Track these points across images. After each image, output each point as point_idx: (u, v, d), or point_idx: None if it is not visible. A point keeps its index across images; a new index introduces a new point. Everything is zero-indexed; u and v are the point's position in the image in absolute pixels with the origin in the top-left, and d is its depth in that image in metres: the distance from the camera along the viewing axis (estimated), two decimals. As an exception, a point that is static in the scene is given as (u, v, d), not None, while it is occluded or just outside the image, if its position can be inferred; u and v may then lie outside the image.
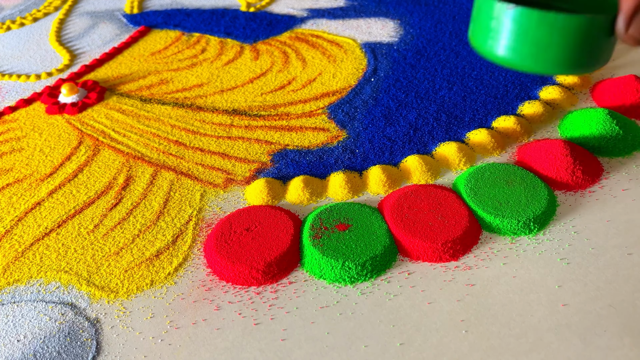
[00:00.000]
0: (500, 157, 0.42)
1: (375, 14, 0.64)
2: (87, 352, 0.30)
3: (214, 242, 0.35)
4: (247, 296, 0.33)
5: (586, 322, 0.30)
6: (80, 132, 0.48)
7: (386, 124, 0.46)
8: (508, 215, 0.35)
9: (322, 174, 0.41)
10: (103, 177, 0.43)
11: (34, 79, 0.56)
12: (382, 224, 0.35)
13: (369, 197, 0.39)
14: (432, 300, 0.32)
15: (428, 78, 0.51)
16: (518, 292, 0.31)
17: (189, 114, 0.49)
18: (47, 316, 0.32)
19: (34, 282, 0.35)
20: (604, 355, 0.28)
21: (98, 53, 0.60)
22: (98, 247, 0.37)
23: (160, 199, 0.40)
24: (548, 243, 0.34)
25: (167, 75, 0.55)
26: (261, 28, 0.63)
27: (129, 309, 0.33)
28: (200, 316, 0.32)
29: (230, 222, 0.36)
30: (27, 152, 0.46)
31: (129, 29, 0.65)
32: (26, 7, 0.72)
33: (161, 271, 0.35)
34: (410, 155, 0.42)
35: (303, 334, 0.30)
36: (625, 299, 0.31)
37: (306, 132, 0.46)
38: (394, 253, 0.34)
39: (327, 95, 0.50)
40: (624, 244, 0.34)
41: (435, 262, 0.34)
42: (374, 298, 0.32)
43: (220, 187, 0.41)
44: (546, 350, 0.28)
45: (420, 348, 0.29)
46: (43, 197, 0.41)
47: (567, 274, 0.32)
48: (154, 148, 0.45)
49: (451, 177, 0.40)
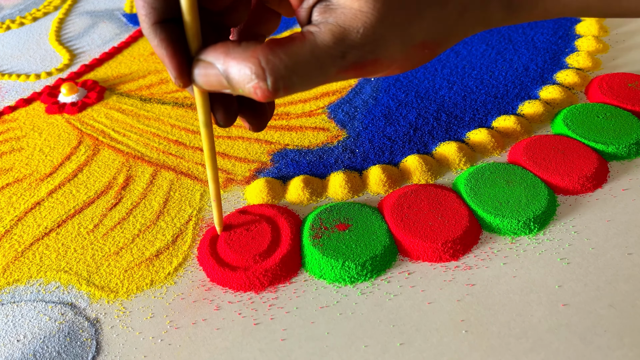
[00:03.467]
0: (500, 157, 0.42)
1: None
2: (87, 352, 0.30)
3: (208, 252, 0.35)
4: (247, 296, 0.33)
5: (586, 322, 0.30)
6: (80, 131, 0.48)
7: (386, 124, 0.46)
8: (508, 215, 0.35)
9: (322, 174, 0.41)
10: (103, 177, 0.43)
11: (33, 79, 0.56)
12: (382, 224, 0.35)
13: (369, 197, 0.39)
14: (432, 300, 0.32)
15: (428, 78, 0.51)
16: (518, 292, 0.31)
17: (189, 114, 0.49)
18: (47, 316, 0.32)
19: (34, 282, 0.35)
20: (604, 355, 0.28)
21: (98, 52, 0.60)
22: (98, 247, 0.37)
23: (160, 198, 0.40)
24: (548, 243, 0.34)
25: (167, 75, 0.55)
26: (261, 27, 0.62)
27: (129, 308, 0.33)
28: (200, 316, 0.32)
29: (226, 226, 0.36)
30: (26, 151, 0.46)
31: (128, 29, 0.65)
32: (26, 7, 0.72)
33: (161, 271, 0.35)
34: (410, 155, 0.42)
35: (303, 334, 0.30)
36: (625, 299, 0.31)
37: (306, 132, 0.46)
38: (394, 253, 0.34)
39: (327, 95, 0.50)
40: (624, 244, 0.34)
41: (435, 262, 0.34)
42: (374, 298, 0.32)
43: (220, 187, 0.41)
44: (546, 350, 0.28)
45: (420, 348, 0.29)
46: (43, 197, 0.41)
47: (567, 274, 0.32)
48: (154, 148, 0.45)
49: (451, 177, 0.40)
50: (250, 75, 0.21)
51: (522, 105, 0.46)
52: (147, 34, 0.23)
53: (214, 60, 0.22)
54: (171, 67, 0.23)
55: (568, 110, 0.44)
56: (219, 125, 0.28)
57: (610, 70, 0.50)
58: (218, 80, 0.23)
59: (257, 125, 0.29)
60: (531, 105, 0.46)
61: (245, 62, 0.21)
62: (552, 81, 0.49)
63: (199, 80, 0.23)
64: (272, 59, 0.21)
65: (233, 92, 0.23)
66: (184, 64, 0.23)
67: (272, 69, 0.21)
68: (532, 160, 0.39)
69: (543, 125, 0.44)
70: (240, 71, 0.21)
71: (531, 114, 0.45)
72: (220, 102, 0.27)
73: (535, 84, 0.49)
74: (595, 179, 0.38)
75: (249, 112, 0.28)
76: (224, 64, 0.22)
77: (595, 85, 0.46)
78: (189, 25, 0.23)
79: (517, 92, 0.48)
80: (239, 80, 0.22)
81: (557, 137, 0.41)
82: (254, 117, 0.29)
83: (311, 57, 0.22)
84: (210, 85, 0.23)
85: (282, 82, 0.21)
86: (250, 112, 0.29)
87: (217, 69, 0.22)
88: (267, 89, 0.21)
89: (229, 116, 0.27)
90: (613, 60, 0.51)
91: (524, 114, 0.45)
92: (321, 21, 0.22)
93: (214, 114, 0.27)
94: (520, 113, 0.46)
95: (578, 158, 0.39)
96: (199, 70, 0.23)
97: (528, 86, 0.49)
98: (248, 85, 0.22)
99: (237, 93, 0.23)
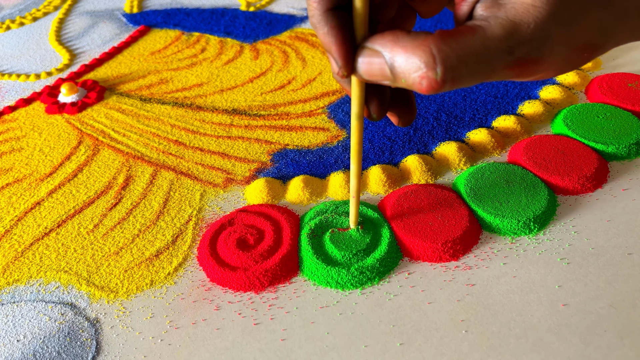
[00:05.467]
0: (500, 157, 0.42)
1: (375, 13, 0.64)
2: (87, 352, 0.30)
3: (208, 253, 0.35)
4: (247, 296, 0.33)
5: (586, 322, 0.30)
6: (80, 131, 0.48)
7: (386, 124, 0.46)
8: (508, 215, 0.35)
9: (322, 174, 0.41)
10: (103, 177, 0.43)
11: (33, 79, 0.56)
12: (386, 229, 0.35)
13: (369, 196, 0.39)
14: (432, 300, 0.32)
15: (428, 78, 0.51)
16: (518, 292, 0.31)
17: (189, 114, 0.49)
18: (47, 316, 0.32)
19: (34, 282, 0.35)
20: (604, 355, 0.28)
21: (98, 52, 0.60)
22: (98, 247, 0.37)
23: (160, 198, 0.40)
24: (548, 243, 0.34)
25: (166, 75, 0.55)
26: (261, 27, 0.63)
27: (129, 309, 0.33)
28: (200, 316, 0.32)
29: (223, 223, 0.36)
30: (26, 151, 0.46)
31: (128, 29, 0.65)
32: (26, 7, 0.72)
33: (161, 271, 0.35)
34: (410, 155, 0.42)
35: (303, 334, 0.30)
36: (625, 299, 0.31)
37: (306, 132, 0.46)
38: (397, 258, 0.34)
39: (327, 95, 0.50)
40: (624, 244, 0.34)
41: (435, 262, 0.34)
42: (374, 298, 0.32)
43: (220, 186, 0.41)
44: (546, 350, 0.28)
45: (420, 348, 0.29)
46: (43, 197, 0.41)
47: (567, 274, 0.32)
48: (154, 148, 0.45)
49: (451, 177, 0.40)
50: (419, 64, 0.21)
51: (522, 105, 0.46)
52: (316, 22, 0.23)
53: (381, 47, 0.22)
54: (338, 54, 0.23)
55: (568, 110, 0.44)
56: (370, 118, 0.28)
57: (610, 70, 0.50)
58: (381, 70, 0.23)
59: (407, 119, 0.29)
60: (531, 105, 0.46)
61: (415, 51, 0.21)
62: (552, 81, 0.49)
63: (362, 68, 0.23)
64: (444, 49, 0.21)
65: (393, 83, 0.23)
66: (351, 52, 0.23)
67: (444, 58, 0.21)
68: (532, 160, 0.39)
69: (543, 125, 0.44)
70: (408, 60, 0.21)
71: (531, 114, 0.45)
72: (375, 94, 0.27)
73: (535, 84, 0.49)
74: (595, 179, 0.38)
75: (400, 106, 0.29)
76: (391, 52, 0.22)
77: (595, 85, 0.46)
78: (358, 11, 0.23)
79: (517, 92, 0.48)
80: (404, 70, 0.22)
81: (557, 137, 0.41)
82: (405, 112, 0.29)
83: (482, 50, 0.21)
84: (372, 75, 0.23)
85: (451, 73, 0.21)
86: (401, 107, 0.29)
87: (382, 58, 0.22)
88: (435, 79, 0.21)
89: (383, 109, 0.28)
90: (613, 60, 0.51)
91: (524, 114, 0.45)
92: (488, 15, 0.22)
93: (367, 106, 0.27)
94: (520, 113, 0.46)
95: (578, 158, 0.39)
96: (363, 59, 0.23)
97: (528, 86, 0.49)
98: (414, 75, 0.21)
99: (397, 84, 0.22)
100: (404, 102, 0.28)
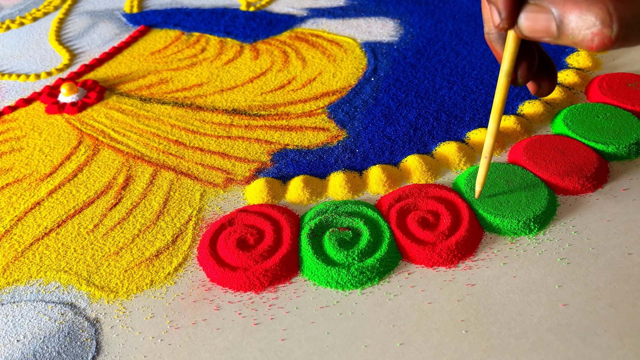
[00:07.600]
0: (500, 157, 0.42)
1: (375, 13, 0.64)
2: (86, 352, 0.30)
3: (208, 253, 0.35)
4: (247, 296, 0.33)
5: (586, 322, 0.30)
6: (80, 131, 0.48)
7: (386, 124, 0.46)
8: (508, 215, 0.35)
9: (322, 174, 0.41)
10: (103, 177, 0.43)
11: (33, 79, 0.56)
12: (387, 231, 0.35)
13: (369, 196, 0.39)
14: (432, 300, 0.32)
15: (428, 77, 0.51)
16: (518, 292, 0.31)
17: (189, 114, 0.49)
18: (47, 316, 0.32)
19: (34, 282, 0.35)
20: (604, 355, 0.28)
21: (98, 52, 0.60)
22: (98, 247, 0.37)
23: (160, 198, 0.40)
24: (548, 243, 0.34)
25: (166, 75, 0.55)
26: (261, 27, 0.63)
27: (129, 309, 0.33)
28: (200, 316, 0.32)
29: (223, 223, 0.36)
30: (26, 151, 0.46)
31: (128, 29, 0.65)
32: (26, 7, 0.72)
33: (161, 271, 0.35)
34: (410, 155, 0.42)
35: (303, 334, 0.30)
36: (625, 299, 0.31)
37: (306, 132, 0.46)
38: (397, 258, 0.34)
39: (327, 95, 0.50)
40: (624, 244, 0.34)
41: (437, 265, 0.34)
42: (374, 298, 0.32)
43: (220, 186, 0.41)
44: (546, 350, 0.28)
45: (420, 348, 0.29)
46: (43, 197, 0.41)
47: (567, 274, 0.32)
48: (154, 148, 0.45)
49: (451, 177, 0.40)
50: (594, 21, 0.21)
51: (522, 105, 0.46)
52: None
53: (551, 4, 0.23)
54: (504, 5, 0.24)
55: (568, 110, 0.44)
56: (514, 83, 0.28)
57: (610, 70, 0.50)
58: (545, 26, 0.23)
59: (548, 88, 0.30)
60: (531, 105, 0.46)
61: (590, 8, 0.21)
62: (552, 81, 0.49)
63: (524, 24, 0.24)
64: (621, 7, 0.21)
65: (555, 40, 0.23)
66: (516, 5, 0.24)
67: (621, 16, 0.21)
68: (532, 160, 0.39)
69: (543, 125, 0.44)
70: (582, 16, 0.22)
71: (531, 114, 0.45)
72: (525, 57, 0.27)
73: (535, 84, 0.49)
74: (595, 179, 0.38)
75: (544, 74, 0.29)
76: (562, 8, 0.22)
77: (595, 85, 0.46)
78: None
79: (517, 92, 0.48)
80: (575, 27, 0.22)
81: (557, 137, 0.41)
82: (549, 81, 0.29)
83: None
84: (533, 31, 0.23)
85: (625, 32, 0.21)
86: (545, 75, 0.29)
87: (549, 14, 0.23)
88: (610, 36, 0.21)
89: (530, 73, 0.28)
90: (613, 60, 0.51)
91: (524, 114, 0.45)
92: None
93: (516, 68, 0.28)
94: (520, 113, 0.46)
95: (578, 158, 0.39)
96: (528, 14, 0.23)
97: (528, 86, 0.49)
98: (586, 31, 0.22)
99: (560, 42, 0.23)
100: (547, 71, 0.29)
